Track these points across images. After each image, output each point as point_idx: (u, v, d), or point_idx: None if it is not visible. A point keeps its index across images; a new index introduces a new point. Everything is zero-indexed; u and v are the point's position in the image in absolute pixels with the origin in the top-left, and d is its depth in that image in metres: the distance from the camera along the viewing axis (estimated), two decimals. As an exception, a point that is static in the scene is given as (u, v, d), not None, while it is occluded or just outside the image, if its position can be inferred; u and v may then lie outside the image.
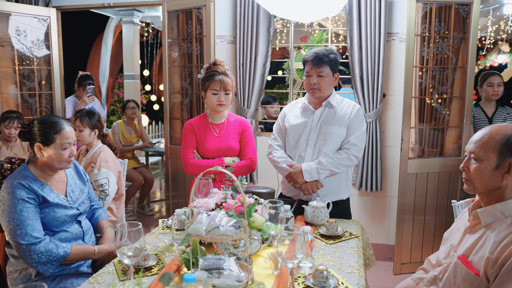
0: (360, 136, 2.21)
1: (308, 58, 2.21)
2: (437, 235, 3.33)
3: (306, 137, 2.26)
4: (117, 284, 1.42)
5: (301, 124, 2.28)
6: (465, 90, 3.16)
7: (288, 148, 2.34)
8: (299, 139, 2.27)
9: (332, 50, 2.21)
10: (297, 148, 2.28)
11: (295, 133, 2.29)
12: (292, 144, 2.31)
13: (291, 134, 2.31)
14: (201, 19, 3.46)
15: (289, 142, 2.33)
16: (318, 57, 2.17)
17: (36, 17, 3.79)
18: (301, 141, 2.26)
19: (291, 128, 2.31)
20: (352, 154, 2.17)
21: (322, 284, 1.39)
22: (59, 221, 1.84)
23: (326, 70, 2.17)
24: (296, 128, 2.29)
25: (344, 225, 2.04)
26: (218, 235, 1.29)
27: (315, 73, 2.18)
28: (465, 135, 3.21)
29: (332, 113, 2.25)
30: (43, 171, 1.86)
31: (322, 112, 2.26)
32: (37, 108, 3.88)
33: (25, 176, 1.79)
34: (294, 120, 2.32)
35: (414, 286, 1.68)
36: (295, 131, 2.29)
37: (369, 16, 3.19)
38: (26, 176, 1.79)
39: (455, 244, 1.51)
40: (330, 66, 2.18)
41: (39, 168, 1.86)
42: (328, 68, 2.18)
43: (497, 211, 1.38)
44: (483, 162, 1.38)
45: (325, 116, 2.25)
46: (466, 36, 3.13)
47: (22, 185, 1.75)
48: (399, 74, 3.34)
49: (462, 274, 1.37)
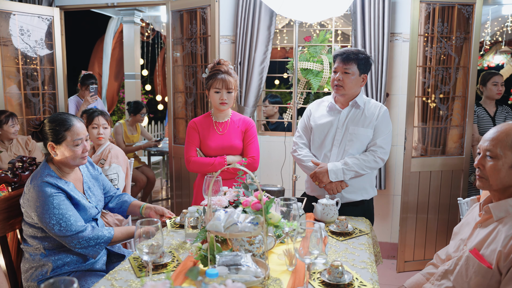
0: (387, 139, 2.22)
1: (337, 54, 2.22)
2: (440, 233, 3.37)
3: (332, 136, 2.26)
4: (134, 280, 1.43)
5: (327, 124, 2.28)
6: (468, 90, 3.20)
7: (313, 147, 2.34)
8: (325, 138, 2.27)
9: (363, 51, 2.22)
10: (323, 148, 2.28)
11: (321, 132, 2.29)
12: (318, 143, 2.31)
13: (316, 133, 2.31)
14: (205, 18, 3.48)
15: (314, 141, 2.33)
16: (347, 54, 2.18)
17: (39, 17, 3.79)
18: (327, 141, 2.27)
19: (317, 127, 2.30)
20: (378, 157, 2.18)
21: (337, 279, 1.41)
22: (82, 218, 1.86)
23: (353, 68, 2.18)
24: (322, 127, 2.29)
25: (353, 223, 2.06)
26: (236, 232, 1.31)
27: (341, 70, 2.19)
28: (467, 134, 3.25)
29: (359, 113, 2.25)
30: (61, 169, 1.87)
31: (349, 112, 2.26)
32: (40, 108, 3.88)
33: (49, 175, 1.80)
34: (320, 119, 2.31)
35: (424, 281, 1.70)
36: (321, 130, 2.29)
37: (372, 16, 3.22)
38: (50, 175, 1.80)
39: (465, 238, 1.54)
40: (357, 65, 2.18)
41: (57, 167, 1.87)
42: (355, 66, 2.18)
43: (509, 206, 1.41)
44: (500, 159, 1.41)
45: (351, 116, 2.25)
46: (469, 36, 3.16)
47: (49, 183, 1.76)
48: (402, 73, 3.38)
49: (474, 268, 1.40)
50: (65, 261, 1.84)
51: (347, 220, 1.94)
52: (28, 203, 1.77)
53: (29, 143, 3.45)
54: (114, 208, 2.16)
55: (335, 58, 2.24)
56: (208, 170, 2.35)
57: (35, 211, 1.74)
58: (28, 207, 1.77)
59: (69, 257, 1.85)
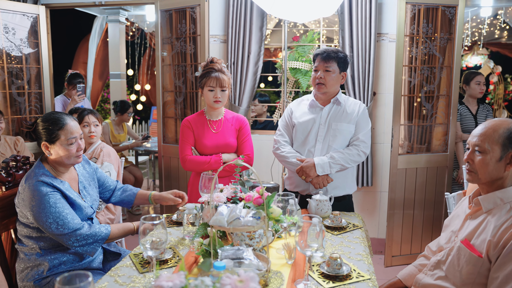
0: (368, 134, 2.33)
1: (317, 53, 2.30)
2: (425, 228, 3.47)
3: (315, 133, 2.33)
4: (138, 276, 1.45)
5: (310, 121, 2.35)
6: (451, 89, 3.31)
7: (296, 144, 2.40)
8: (308, 135, 2.34)
9: (342, 50, 2.32)
10: (306, 144, 2.35)
11: (304, 129, 2.36)
12: (301, 140, 2.37)
13: (300, 130, 2.37)
14: (195, 18, 3.49)
15: (297, 138, 2.39)
16: (327, 53, 2.26)
17: (24, 14, 3.73)
18: (310, 137, 2.34)
19: (300, 125, 2.37)
20: (361, 150, 2.28)
21: (336, 271, 1.45)
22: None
23: (333, 66, 2.26)
24: (305, 125, 2.35)
25: (347, 217, 2.12)
26: (239, 226, 1.34)
27: (322, 68, 2.27)
28: (451, 132, 3.36)
29: (340, 110, 2.33)
30: (56, 169, 1.86)
31: (330, 109, 2.34)
32: (26, 107, 3.81)
33: (44, 174, 1.79)
34: (302, 116, 2.38)
35: (416, 272, 1.77)
36: (304, 127, 2.36)
37: (360, 17, 3.30)
38: (44, 174, 1.79)
39: (456, 229, 1.61)
40: (337, 63, 2.27)
41: (52, 166, 1.86)
42: (335, 64, 2.26)
43: (497, 198, 1.49)
44: (488, 154, 1.48)
45: (333, 113, 2.33)
46: (452, 37, 3.27)
47: (45, 182, 1.75)
48: (388, 73, 3.46)
49: (466, 257, 1.47)
50: (62, 260, 1.83)
51: (341, 215, 2.00)
52: (23, 202, 1.76)
53: (18, 143, 3.39)
54: (118, 202, 2.16)
55: (315, 57, 2.33)
56: (204, 168, 2.37)
57: (30, 211, 1.73)
58: (23, 206, 1.76)
59: (66, 256, 1.84)
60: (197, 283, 0.87)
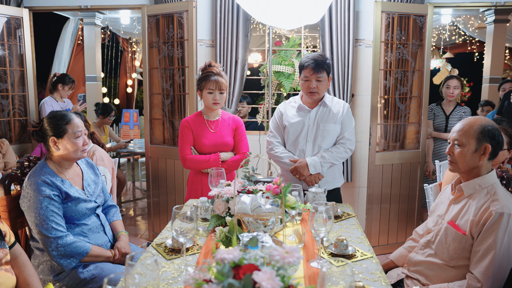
0: (352, 131, 2.53)
1: (308, 64, 2.39)
2: (400, 221, 3.76)
3: (305, 134, 2.51)
4: (167, 262, 1.57)
5: (299, 122, 2.51)
6: (422, 90, 3.62)
7: (288, 144, 2.57)
8: (299, 136, 2.51)
9: (327, 57, 2.46)
10: (297, 144, 2.53)
11: (294, 131, 2.52)
12: (292, 140, 2.55)
13: (291, 131, 2.54)
14: (182, 23, 3.61)
15: (288, 138, 2.56)
16: (317, 63, 2.37)
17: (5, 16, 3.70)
18: (301, 138, 2.51)
19: (291, 126, 2.53)
20: (348, 148, 2.48)
21: (343, 251, 1.65)
22: (80, 214, 1.94)
23: (324, 75, 2.41)
24: (295, 126, 2.52)
25: (340, 207, 2.32)
26: (262, 213, 1.50)
27: (315, 78, 2.40)
28: (423, 130, 3.67)
29: (326, 111, 2.51)
30: (61, 165, 1.95)
31: (317, 111, 2.52)
32: (10, 110, 3.78)
33: (47, 172, 1.87)
34: (292, 118, 2.54)
35: (407, 253, 2.00)
36: (295, 129, 2.52)
37: (339, 24, 3.54)
38: (47, 172, 1.87)
39: (442, 213, 1.85)
40: (326, 71, 2.42)
41: (57, 164, 1.94)
42: (325, 73, 2.41)
43: (476, 184, 1.73)
44: (465, 147, 1.73)
45: (320, 114, 2.51)
46: (422, 43, 3.58)
47: (46, 182, 1.83)
48: (365, 76, 3.73)
49: (452, 235, 1.70)
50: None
51: (336, 205, 2.20)
52: (23, 199, 1.85)
53: (2, 146, 3.38)
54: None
55: (305, 67, 2.42)
56: (204, 167, 2.51)
57: (27, 207, 1.83)
58: (22, 203, 1.86)
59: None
60: (251, 255, 1.03)
